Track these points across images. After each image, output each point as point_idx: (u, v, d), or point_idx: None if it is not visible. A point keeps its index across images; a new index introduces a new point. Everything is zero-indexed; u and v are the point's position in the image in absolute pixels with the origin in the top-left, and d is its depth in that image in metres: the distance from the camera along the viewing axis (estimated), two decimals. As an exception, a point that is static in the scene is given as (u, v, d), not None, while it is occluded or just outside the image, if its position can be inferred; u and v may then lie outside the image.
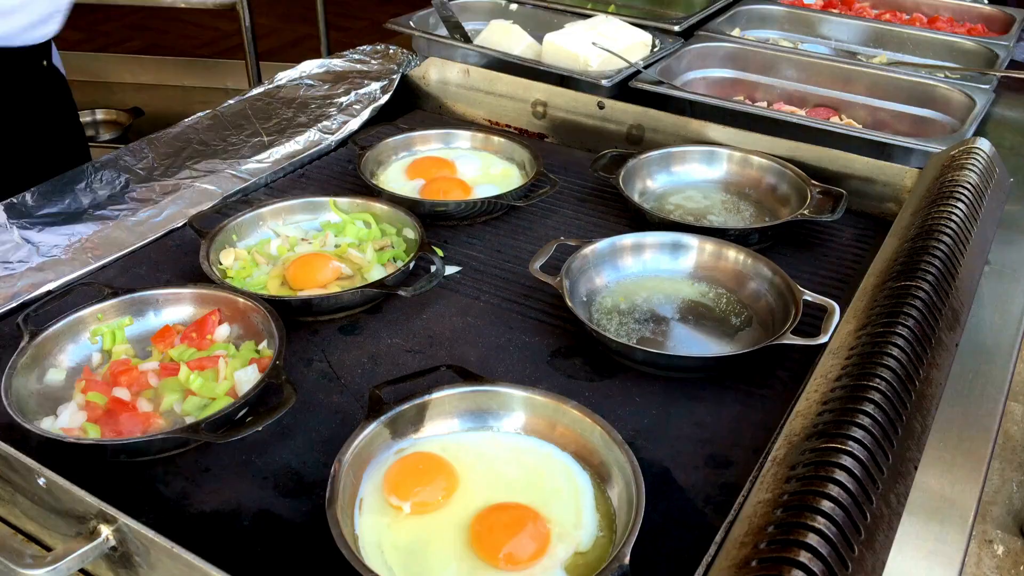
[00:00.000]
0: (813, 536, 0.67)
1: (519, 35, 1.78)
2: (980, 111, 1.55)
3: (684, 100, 1.57)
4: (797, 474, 0.75)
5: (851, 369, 0.87)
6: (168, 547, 0.71)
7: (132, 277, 1.18)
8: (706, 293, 1.17)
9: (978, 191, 1.21)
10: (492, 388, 0.92)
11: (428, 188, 1.37)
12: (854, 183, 1.38)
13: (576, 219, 1.37)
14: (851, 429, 0.78)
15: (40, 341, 0.98)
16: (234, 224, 1.21)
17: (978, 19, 2.12)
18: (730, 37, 1.90)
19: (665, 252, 1.20)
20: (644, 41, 1.78)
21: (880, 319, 0.94)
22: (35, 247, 1.18)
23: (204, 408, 0.94)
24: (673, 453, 0.93)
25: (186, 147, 1.44)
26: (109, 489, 0.79)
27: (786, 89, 1.80)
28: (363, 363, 1.05)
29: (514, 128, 1.67)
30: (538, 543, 0.79)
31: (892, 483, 0.77)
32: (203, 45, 4.71)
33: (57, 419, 0.92)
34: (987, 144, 1.33)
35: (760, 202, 1.40)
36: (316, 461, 0.91)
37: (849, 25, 2.05)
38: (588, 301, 1.14)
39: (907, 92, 1.71)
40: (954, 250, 1.07)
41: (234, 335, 1.05)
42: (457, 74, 1.70)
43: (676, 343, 1.09)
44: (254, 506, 0.86)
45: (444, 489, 0.84)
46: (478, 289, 1.19)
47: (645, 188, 1.42)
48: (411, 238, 1.22)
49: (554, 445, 0.89)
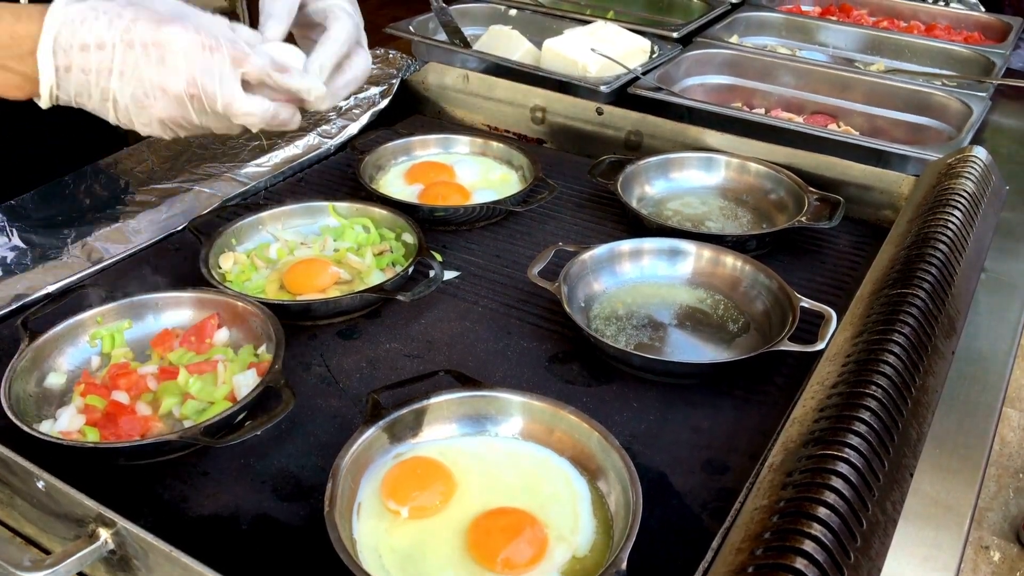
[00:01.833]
0: (809, 542, 0.67)
1: (518, 41, 1.79)
2: (977, 119, 1.56)
3: (682, 106, 1.58)
4: (794, 480, 0.75)
5: (848, 376, 0.87)
6: (167, 550, 0.71)
7: (131, 280, 1.18)
8: (704, 299, 1.17)
9: (974, 199, 1.21)
10: (490, 393, 0.92)
11: (427, 193, 1.37)
12: (851, 190, 1.39)
13: (574, 224, 1.37)
14: (848, 436, 0.78)
15: (39, 344, 0.98)
16: (233, 228, 1.22)
17: (975, 27, 2.13)
18: (728, 44, 1.91)
19: (663, 258, 1.20)
20: (643, 47, 1.78)
21: (877, 326, 0.94)
22: (34, 250, 1.18)
23: (203, 412, 0.94)
24: (670, 459, 0.93)
25: (186, 151, 1.45)
26: (108, 492, 0.79)
27: (784, 96, 1.81)
28: (361, 368, 1.05)
29: (513, 133, 1.68)
30: (535, 548, 0.79)
31: (888, 490, 0.77)
32: (202, 48, 4.70)
33: (56, 422, 0.92)
34: (983, 152, 1.33)
35: (758, 209, 1.40)
36: (314, 465, 0.91)
37: (847, 32, 2.06)
38: (586, 306, 1.14)
39: (904, 100, 1.71)
40: (950, 258, 1.07)
41: (233, 339, 1.05)
42: (456, 79, 1.70)
43: (673, 349, 1.09)
44: (252, 510, 0.86)
45: (442, 494, 0.84)
46: (476, 294, 1.19)
47: (643, 194, 1.42)
48: (410, 243, 1.23)
49: (551, 450, 0.90)
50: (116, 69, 0.83)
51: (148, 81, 0.84)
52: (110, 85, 0.84)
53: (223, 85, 0.86)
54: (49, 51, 0.82)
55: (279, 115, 0.91)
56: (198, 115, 0.87)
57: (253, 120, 0.89)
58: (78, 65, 0.83)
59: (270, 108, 0.90)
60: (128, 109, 0.86)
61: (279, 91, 0.91)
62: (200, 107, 0.86)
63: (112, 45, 0.83)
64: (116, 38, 0.83)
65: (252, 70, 0.88)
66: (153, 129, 0.88)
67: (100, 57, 0.83)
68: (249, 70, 0.87)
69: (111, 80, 0.84)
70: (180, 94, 0.84)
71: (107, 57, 0.83)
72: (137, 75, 0.84)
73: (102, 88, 0.84)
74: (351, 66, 1.00)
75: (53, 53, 0.82)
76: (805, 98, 1.79)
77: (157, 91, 0.84)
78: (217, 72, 0.85)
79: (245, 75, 0.87)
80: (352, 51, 1.00)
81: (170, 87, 0.84)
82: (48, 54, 0.82)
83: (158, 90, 0.84)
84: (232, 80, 0.86)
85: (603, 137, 1.57)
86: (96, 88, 0.85)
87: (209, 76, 0.85)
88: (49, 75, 0.83)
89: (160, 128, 0.88)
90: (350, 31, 0.99)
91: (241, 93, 0.87)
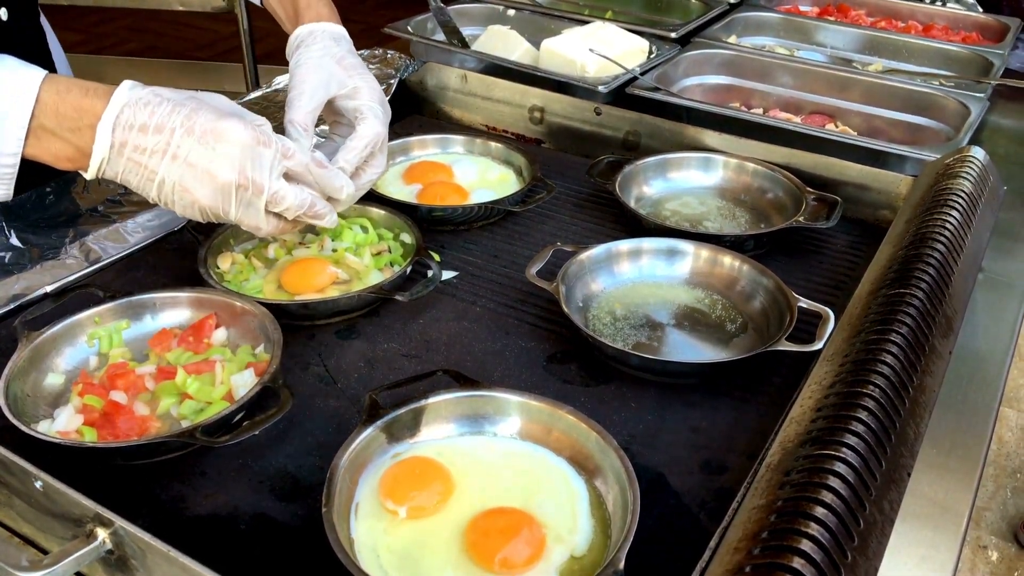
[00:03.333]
0: (807, 542, 0.68)
1: (516, 41, 1.79)
2: (975, 119, 1.56)
3: (680, 107, 1.58)
4: (791, 480, 0.75)
5: (845, 376, 0.87)
6: (164, 550, 0.71)
7: (129, 280, 1.18)
8: (701, 299, 1.17)
9: (972, 199, 1.22)
10: (488, 393, 0.92)
11: (425, 193, 1.37)
12: (849, 190, 1.39)
13: (572, 224, 1.37)
14: (845, 435, 0.78)
15: (37, 344, 0.98)
16: (231, 228, 1.22)
17: (973, 27, 2.13)
18: (727, 44, 1.91)
19: (661, 258, 1.20)
20: (641, 47, 1.78)
21: (874, 326, 0.94)
22: (32, 250, 1.18)
23: (201, 412, 0.94)
24: (668, 458, 0.93)
25: (184, 151, 1.44)
26: (105, 492, 0.79)
27: (782, 96, 1.81)
28: (360, 367, 1.05)
29: (511, 133, 1.68)
30: (533, 548, 0.79)
31: (885, 489, 0.77)
32: (201, 48, 4.72)
33: (54, 422, 0.92)
34: (981, 152, 1.33)
35: (755, 208, 1.40)
36: (312, 465, 0.91)
37: (845, 33, 2.06)
38: (584, 306, 1.15)
39: (902, 100, 1.71)
40: (948, 258, 1.07)
41: (231, 339, 1.05)
42: (455, 79, 1.70)
43: (671, 349, 1.09)
44: (250, 510, 0.86)
45: (440, 494, 0.84)
46: (475, 294, 1.20)
47: (641, 194, 1.43)
48: (408, 243, 1.23)
49: (549, 450, 0.90)
50: (170, 152, 0.88)
51: (200, 167, 0.88)
52: (160, 167, 0.88)
53: (272, 176, 0.92)
54: (109, 128, 0.86)
55: (315, 206, 0.97)
56: (238, 207, 0.92)
57: (290, 207, 0.95)
58: (133, 144, 0.87)
59: (307, 199, 0.96)
60: (173, 191, 0.90)
61: (316, 187, 0.98)
62: (243, 198, 0.91)
63: (171, 130, 0.87)
64: (176, 123, 0.87)
65: (296, 166, 0.94)
66: (191, 213, 0.93)
67: (156, 140, 0.87)
68: (294, 165, 0.94)
69: (162, 162, 0.88)
70: (228, 182, 0.89)
71: (163, 140, 0.87)
72: (190, 160, 0.88)
73: (151, 169, 0.89)
74: (370, 167, 1.08)
75: (112, 130, 0.86)
76: (803, 98, 1.79)
77: (206, 177, 0.88)
78: (267, 165, 0.91)
79: (289, 169, 0.94)
80: (375, 152, 1.08)
81: (220, 175, 0.89)
82: (107, 130, 0.86)
83: (207, 176, 0.88)
84: (278, 171, 0.93)
85: (601, 137, 1.58)
86: (145, 169, 0.89)
87: (260, 168, 0.90)
88: (103, 150, 0.87)
89: (199, 214, 0.93)
90: (378, 133, 1.07)
91: (285, 184, 0.94)
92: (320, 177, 0.98)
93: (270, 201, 0.93)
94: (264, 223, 0.95)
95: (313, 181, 0.97)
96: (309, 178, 0.97)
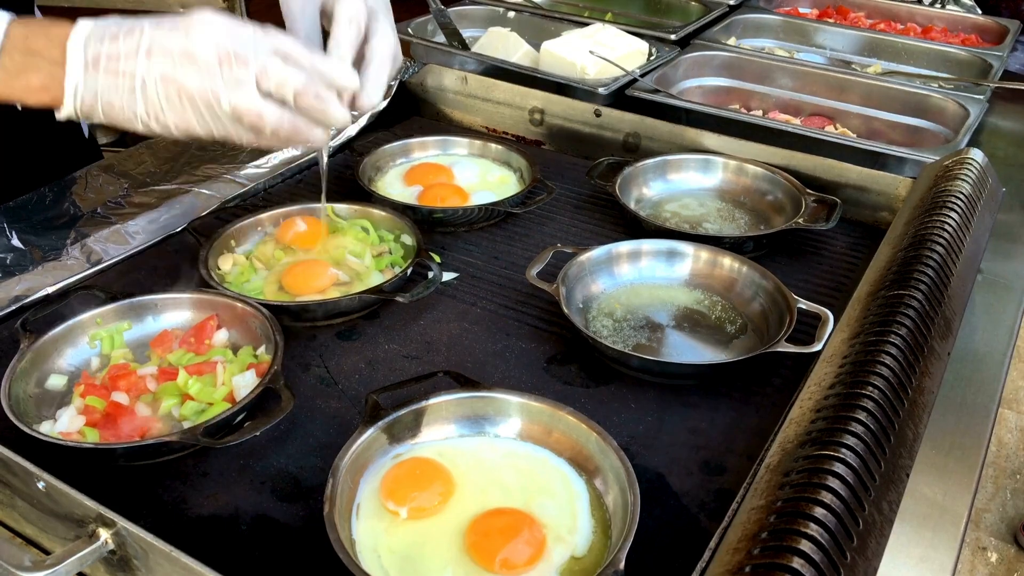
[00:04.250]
0: (806, 542, 0.68)
1: (516, 43, 1.79)
2: (974, 121, 1.56)
3: (680, 108, 1.59)
4: (791, 480, 0.76)
5: (844, 377, 0.88)
6: (166, 551, 0.71)
7: (131, 282, 1.18)
8: (701, 300, 1.18)
9: (971, 201, 1.22)
10: (488, 394, 0.92)
11: (426, 194, 1.38)
12: (848, 192, 1.40)
13: (572, 226, 1.37)
14: (844, 436, 0.78)
15: (39, 345, 0.98)
16: (233, 229, 1.22)
17: (972, 29, 2.14)
18: (726, 46, 1.91)
19: (661, 259, 1.21)
20: (641, 49, 1.79)
21: (873, 327, 0.94)
22: (34, 251, 1.19)
23: (202, 413, 0.94)
24: (668, 459, 0.94)
25: (185, 152, 1.45)
26: (108, 493, 0.79)
27: (781, 98, 1.81)
28: (361, 369, 1.06)
29: (511, 135, 1.68)
30: (534, 548, 0.79)
31: (884, 490, 0.77)
32: (201, 49, 4.70)
33: (56, 423, 0.92)
34: (980, 154, 1.34)
35: (755, 210, 1.41)
36: (313, 466, 0.91)
37: (844, 35, 2.07)
38: (584, 308, 1.15)
39: (901, 102, 1.72)
40: (947, 259, 1.08)
41: (232, 340, 1.05)
42: (455, 81, 1.71)
43: (671, 350, 1.10)
44: (252, 510, 0.86)
45: (441, 494, 0.85)
46: (475, 295, 1.20)
47: (641, 196, 1.43)
48: (408, 244, 1.23)
49: (550, 451, 0.90)
50: (143, 47, 0.83)
51: (177, 51, 0.83)
52: (138, 68, 0.83)
53: (255, 50, 0.84)
54: (81, 43, 0.83)
55: (318, 91, 0.87)
56: (226, 86, 0.83)
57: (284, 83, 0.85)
58: (106, 54, 0.83)
59: (302, 78, 0.86)
60: (157, 89, 0.84)
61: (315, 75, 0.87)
62: (229, 76, 0.83)
63: (141, 30, 0.83)
64: (145, 24, 0.83)
65: (282, 45, 0.86)
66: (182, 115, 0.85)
67: (128, 43, 0.83)
68: (280, 44, 0.86)
69: (138, 61, 0.83)
70: (209, 58, 0.82)
71: (135, 41, 0.83)
72: (166, 47, 0.83)
73: (129, 74, 0.83)
74: (374, 49, 0.96)
75: (85, 46, 0.83)
76: (803, 100, 1.80)
77: (185, 60, 0.83)
78: (247, 38, 0.84)
79: (276, 49, 0.85)
80: (369, 31, 0.96)
81: (199, 52, 0.82)
82: (79, 46, 0.83)
83: (186, 57, 0.83)
84: (265, 48, 0.85)
85: (601, 139, 1.58)
86: (123, 76, 0.84)
87: (239, 41, 0.83)
88: (77, 69, 0.83)
89: (191, 112, 0.85)
90: (357, 7, 0.95)
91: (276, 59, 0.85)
92: (315, 62, 0.87)
93: (260, 76, 0.84)
94: (262, 106, 0.85)
95: (309, 66, 0.87)
96: (304, 62, 0.86)
